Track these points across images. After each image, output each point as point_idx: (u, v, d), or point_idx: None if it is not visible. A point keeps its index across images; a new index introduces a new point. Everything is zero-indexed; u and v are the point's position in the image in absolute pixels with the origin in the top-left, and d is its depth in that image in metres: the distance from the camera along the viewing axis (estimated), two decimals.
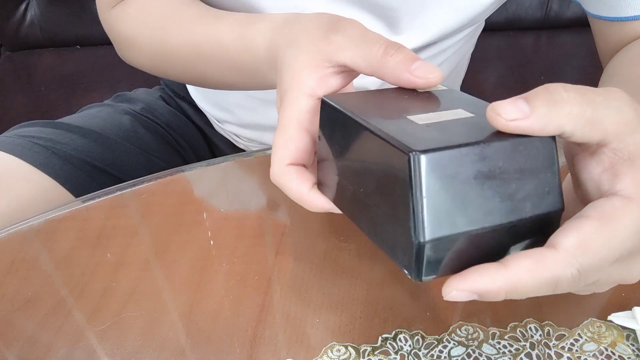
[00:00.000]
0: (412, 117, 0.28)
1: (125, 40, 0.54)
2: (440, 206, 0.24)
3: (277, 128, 0.33)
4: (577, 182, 0.29)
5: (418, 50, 0.58)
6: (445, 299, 0.25)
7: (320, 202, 0.32)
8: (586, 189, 0.28)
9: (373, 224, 0.28)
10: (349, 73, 0.34)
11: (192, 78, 0.51)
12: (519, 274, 0.25)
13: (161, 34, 0.49)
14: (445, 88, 0.33)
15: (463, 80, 0.74)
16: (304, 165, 0.33)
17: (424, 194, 0.24)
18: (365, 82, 0.60)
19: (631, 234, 0.26)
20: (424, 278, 0.25)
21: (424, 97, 0.32)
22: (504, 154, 0.25)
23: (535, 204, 0.26)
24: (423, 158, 0.24)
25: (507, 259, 0.25)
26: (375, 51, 0.32)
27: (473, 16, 0.55)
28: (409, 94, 0.32)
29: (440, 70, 0.31)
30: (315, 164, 0.34)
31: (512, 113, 0.25)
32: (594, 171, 0.27)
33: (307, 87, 0.33)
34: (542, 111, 0.25)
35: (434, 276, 0.26)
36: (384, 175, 0.26)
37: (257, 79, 0.42)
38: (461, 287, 0.25)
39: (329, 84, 0.33)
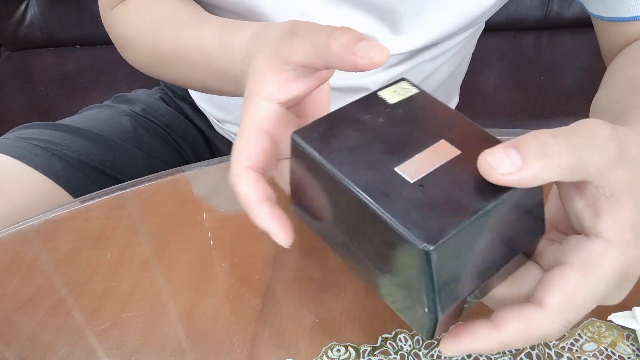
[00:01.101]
0: (400, 170, 0.26)
1: (124, 41, 0.54)
2: (449, 280, 0.25)
3: (238, 133, 0.33)
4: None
5: (419, 51, 0.58)
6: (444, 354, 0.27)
7: (263, 220, 0.29)
8: (569, 216, 0.29)
9: (372, 276, 0.27)
10: (313, 76, 0.33)
11: (183, 82, 0.51)
12: (510, 337, 0.27)
13: (155, 35, 0.49)
14: (414, 90, 0.31)
15: (463, 81, 0.74)
16: (264, 171, 0.32)
17: (435, 283, 0.24)
18: (365, 82, 0.60)
19: (613, 279, 0.27)
20: (436, 337, 0.27)
21: (401, 120, 0.29)
22: (501, 211, 0.25)
23: (527, 240, 0.28)
24: (434, 253, 0.23)
25: (499, 319, 0.27)
26: (321, 39, 0.30)
27: (474, 18, 0.55)
28: (381, 114, 0.29)
29: (387, 48, 0.29)
30: (281, 178, 0.33)
31: (505, 167, 0.24)
32: (577, 205, 0.28)
33: (265, 91, 0.32)
34: (534, 165, 0.24)
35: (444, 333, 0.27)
36: (387, 250, 0.25)
37: (237, 86, 0.42)
38: (456, 350, 0.27)
39: (290, 88, 0.32)
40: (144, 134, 0.69)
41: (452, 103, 0.78)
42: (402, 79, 0.31)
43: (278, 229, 0.29)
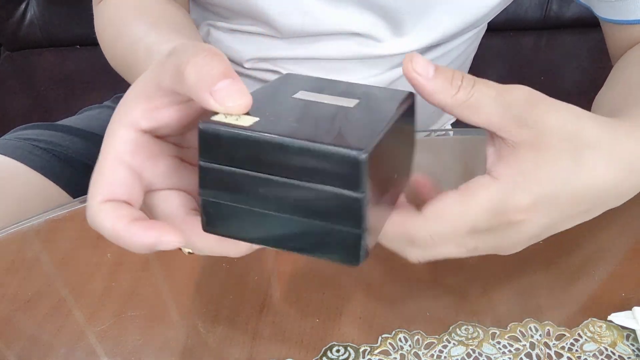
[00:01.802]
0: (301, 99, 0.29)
1: (98, 35, 0.54)
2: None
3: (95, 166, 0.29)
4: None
5: (422, 51, 0.58)
6: None
7: (142, 238, 0.27)
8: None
9: (300, 234, 0.28)
10: (189, 104, 0.29)
11: (122, 73, 0.50)
12: (386, 227, 0.30)
13: (119, 28, 0.49)
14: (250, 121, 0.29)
15: None
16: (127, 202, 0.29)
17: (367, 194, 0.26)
18: (368, 84, 0.60)
19: (486, 209, 0.29)
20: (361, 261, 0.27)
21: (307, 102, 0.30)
22: (396, 128, 0.29)
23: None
24: (368, 159, 0.25)
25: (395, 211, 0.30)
26: (181, 60, 0.26)
27: (477, 18, 0.55)
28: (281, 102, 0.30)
29: (249, 97, 0.26)
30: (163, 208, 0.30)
31: (421, 68, 0.29)
32: (488, 149, 0.31)
33: (128, 118, 0.28)
34: (438, 83, 0.29)
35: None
36: (321, 181, 0.26)
37: None
38: None
39: (159, 115, 0.28)
40: None
41: None
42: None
43: (162, 232, 0.27)
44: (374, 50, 0.56)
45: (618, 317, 0.36)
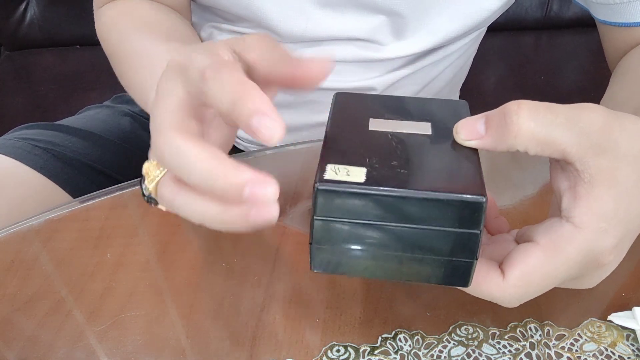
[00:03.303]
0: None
1: (101, 40, 0.54)
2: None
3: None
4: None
5: (423, 55, 0.58)
6: None
7: (237, 175, 0.25)
8: (555, 195, 0.30)
9: (411, 268, 0.30)
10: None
11: (128, 90, 0.50)
12: (472, 288, 0.30)
13: (122, 37, 0.50)
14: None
15: (463, 81, 0.74)
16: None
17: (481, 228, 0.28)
18: (372, 84, 0.60)
19: (575, 264, 0.28)
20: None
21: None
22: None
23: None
24: (484, 201, 0.27)
25: (475, 275, 0.29)
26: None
27: (479, 21, 0.55)
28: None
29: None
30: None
31: (469, 134, 0.29)
32: (561, 185, 0.29)
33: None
34: (493, 133, 0.28)
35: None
36: (438, 225, 0.28)
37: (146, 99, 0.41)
38: None
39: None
40: (144, 134, 0.69)
41: None
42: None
43: (259, 176, 0.25)
44: (375, 54, 0.56)
45: (618, 317, 0.36)
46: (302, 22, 0.53)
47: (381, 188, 0.27)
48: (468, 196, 0.27)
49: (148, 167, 0.31)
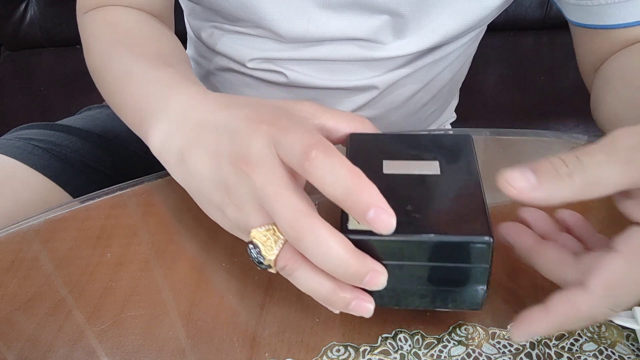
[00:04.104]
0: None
1: (85, 49, 0.54)
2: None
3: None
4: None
5: (423, 53, 0.58)
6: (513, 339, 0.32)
7: (364, 265, 0.30)
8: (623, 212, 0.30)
9: (431, 298, 0.33)
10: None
11: (116, 110, 0.50)
12: (560, 319, 0.29)
13: (107, 58, 0.48)
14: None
15: (463, 81, 0.74)
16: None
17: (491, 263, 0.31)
18: (374, 82, 0.60)
19: None
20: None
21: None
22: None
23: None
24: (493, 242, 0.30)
25: (551, 303, 0.30)
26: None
27: (478, 20, 0.55)
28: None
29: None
30: None
31: (522, 183, 0.28)
32: (626, 204, 0.30)
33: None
34: (548, 186, 0.28)
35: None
36: (452, 263, 0.31)
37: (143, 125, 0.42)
38: (521, 335, 0.31)
39: None
40: None
41: (452, 104, 0.78)
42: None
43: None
44: (376, 53, 0.56)
45: (618, 317, 0.35)
46: (304, 23, 0.53)
47: (399, 236, 0.30)
48: (476, 238, 0.30)
49: (259, 236, 0.32)
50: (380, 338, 0.35)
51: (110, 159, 0.64)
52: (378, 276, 0.30)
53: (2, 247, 0.43)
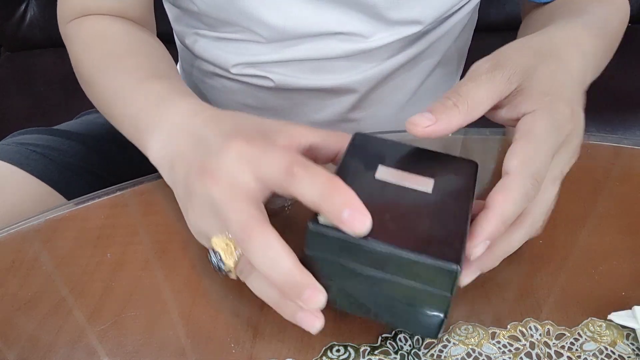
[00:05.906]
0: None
1: (74, 60, 0.54)
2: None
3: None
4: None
5: (408, 43, 0.58)
6: (472, 259, 0.32)
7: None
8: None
9: (386, 312, 0.32)
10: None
11: (104, 114, 0.51)
12: (500, 208, 0.31)
13: (98, 70, 0.50)
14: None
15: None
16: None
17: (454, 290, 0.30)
18: (352, 82, 0.59)
19: (551, 130, 0.33)
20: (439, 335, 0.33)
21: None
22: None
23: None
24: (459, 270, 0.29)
25: (487, 200, 0.32)
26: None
27: (454, 1, 0.55)
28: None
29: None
30: None
31: (424, 121, 0.33)
32: (501, 114, 0.37)
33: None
34: (442, 119, 0.33)
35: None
36: (415, 282, 0.30)
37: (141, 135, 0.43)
38: (475, 244, 0.31)
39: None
40: None
41: None
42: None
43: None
44: (360, 45, 0.56)
45: (618, 317, 0.36)
46: (281, 19, 0.54)
47: (364, 239, 0.29)
48: (442, 262, 0.29)
49: (220, 243, 0.34)
50: (380, 338, 0.35)
51: (109, 164, 0.64)
52: (317, 294, 0.30)
53: (2, 247, 0.43)
